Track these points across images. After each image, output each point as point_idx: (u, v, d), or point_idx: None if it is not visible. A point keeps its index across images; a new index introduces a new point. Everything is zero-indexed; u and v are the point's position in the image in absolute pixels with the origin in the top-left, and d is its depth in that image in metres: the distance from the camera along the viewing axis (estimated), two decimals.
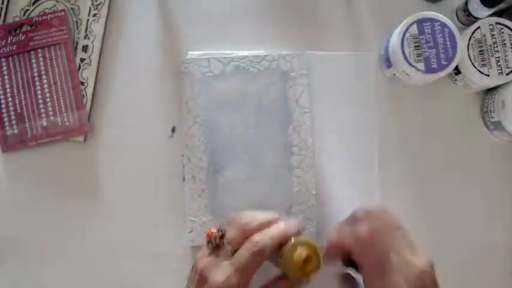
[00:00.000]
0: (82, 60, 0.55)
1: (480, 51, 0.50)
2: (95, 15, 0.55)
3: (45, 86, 0.54)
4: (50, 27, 0.55)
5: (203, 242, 0.43)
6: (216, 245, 0.41)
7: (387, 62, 0.52)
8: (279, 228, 0.41)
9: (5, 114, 0.54)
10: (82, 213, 0.53)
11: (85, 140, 0.55)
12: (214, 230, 0.41)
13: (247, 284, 0.40)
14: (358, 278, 0.42)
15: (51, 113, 0.54)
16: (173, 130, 0.55)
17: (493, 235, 0.54)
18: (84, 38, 0.55)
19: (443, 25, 0.49)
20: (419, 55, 0.49)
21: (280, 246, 0.41)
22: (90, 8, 0.55)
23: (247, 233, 0.40)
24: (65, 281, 0.53)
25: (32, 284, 0.54)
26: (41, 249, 0.54)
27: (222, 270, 0.39)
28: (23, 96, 0.54)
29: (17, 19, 0.55)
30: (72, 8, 0.56)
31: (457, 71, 0.52)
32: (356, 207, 0.42)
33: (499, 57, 0.50)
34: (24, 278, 0.53)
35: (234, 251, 0.40)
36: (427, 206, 0.54)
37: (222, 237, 0.41)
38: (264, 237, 0.39)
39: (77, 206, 0.53)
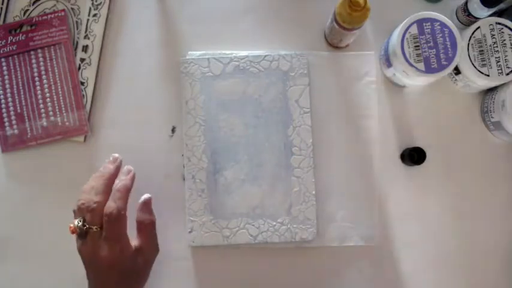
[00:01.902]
0: (82, 60, 0.55)
1: (480, 51, 0.50)
2: (95, 15, 0.55)
3: (45, 86, 0.54)
4: (50, 27, 0.55)
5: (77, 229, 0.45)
6: (85, 231, 0.45)
7: (387, 62, 0.52)
8: (119, 189, 0.46)
9: (5, 114, 0.54)
10: None
11: (85, 140, 0.55)
12: (75, 223, 0.45)
13: (128, 241, 0.46)
14: None
15: (51, 113, 0.54)
16: (173, 130, 0.55)
17: (493, 234, 0.54)
18: (84, 38, 0.55)
19: (443, 25, 0.49)
20: (419, 55, 0.49)
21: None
22: (90, 8, 0.55)
23: (99, 210, 0.45)
24: (64, 281, 0.53)
25: (32, 283, 0.54)
26: (40, 249, 0.54)
27: (103, 249, 0.44)
28: (23, 96, 0.54)
29: (17, 19, 0.55)
30: (72, 8, 0.56)
31: (457, 71, 0.52)
32: None
33: (499, 57, 0.50)
34: (23, 277, 0.53)
35: (101, 227, 0.45)
36: (426, 205, 0.54)
37: (84, 224, 0.45)
38: (112, 205, 0.45)
39: None
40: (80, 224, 0.45)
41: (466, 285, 0.54)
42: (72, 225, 0.45)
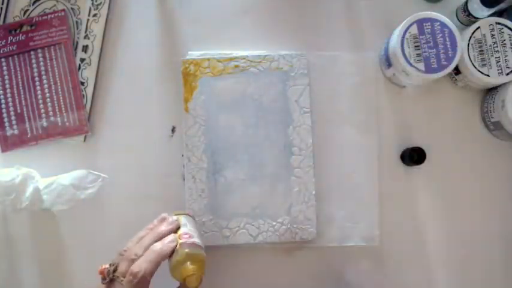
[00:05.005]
0: (82, 60, 0.55)
1: (480, 51, 0.50)
2: (95, 15, 0.55)
3: (45, 86, 0.54)
4: (50, 27, 0.55)
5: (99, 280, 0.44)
6: (110, 279, 0.42)
7: (387, 62, 0.52)
8: (154, 251, 0.43)
9: (5, 114, 0.54)
10: (81, 213, 0.53)
11: (85, 140, 0.55)
12: (106, 266, 0.43)
13: None
14: None
15: (51, 113, 0.54)
16: (173, 130, 0.55)
17: (493, 234, 0.54)
18: (84, 38, 0.55)
19: (443, 25, 0.49)
20: (419, 55, 0.49)
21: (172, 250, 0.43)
22: (90, 8, 0.55)
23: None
24: (64, 281, 0.53)
25: (30, 283, 0.54)
26: (39, 249, 0.54)
27: None
28: (23, 96, 0.54)
29: (17, 19, 0.55)
30: (72, 8, 0.56)
31: (457, 71, 0.52)
32: None
33: (499, 57, 0.50)
34: (19, 277, 0.53)
35: None
36: (427, 205, 0.54)
37: (114, 271, 0.43)
38: (143, 265, 0.41)
39: (76, 206, 0.53)
40: (111, 269, 0.43)
41: (466, 284, 0.54)
42: (103, 266, 0.43)
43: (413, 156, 0.53)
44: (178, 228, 0.46)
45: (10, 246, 0.54)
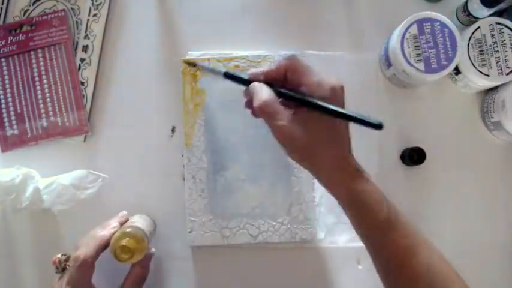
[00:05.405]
0: (82, 60, 0.55)
1: (480, 51, 0.50)
2: (95, 15, 0.55)
3: (45, 86, 0.54)
4: (50, 27, 0.55)
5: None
6: (62, 268, 0.45)
7: (387, 62, 0.52)
8: (94, 235, 0.46)
9: (5, 114, 0.54)
10: (81, 214, 0.53)
11: (85, 140, 0.55)
12: (58, 256, 0.45)
13: None
14: None
15: (51, 113, 0.54)
16: (173, 130, 0.55)
17: (493, 234, 0.54)
18: (84, 38, 0.55)
19: (443, 25, 0.49)
20: (419, 55, 0.49)
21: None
22: (90, 8, 0.55)
23: None
24: None
25: (30, 283, 0.54)
26: (39, 249, 0.54)
27: None
28: (23, 96, 0.54)
29: (17, 19, 0.55)
30: (72, 8, 0.56)
31: (457, 71, 0.52)
32: None
33: (499, 57, 0.50)
34: (19, 277, 0.53)
35: None
36: (426, 205, 0.54)
37: (66, 260, 0.45)
38: (83, 250, 0.44)
39: (76, 206, 0.53)
40: (63, 258, 0.45)
41: (467, 283, 0.54)
42: (58, 256, 0.45)
43: (413, 156, 0.53)
44: (127, 221, 0.49)
45: (10, 246, 0.54)
